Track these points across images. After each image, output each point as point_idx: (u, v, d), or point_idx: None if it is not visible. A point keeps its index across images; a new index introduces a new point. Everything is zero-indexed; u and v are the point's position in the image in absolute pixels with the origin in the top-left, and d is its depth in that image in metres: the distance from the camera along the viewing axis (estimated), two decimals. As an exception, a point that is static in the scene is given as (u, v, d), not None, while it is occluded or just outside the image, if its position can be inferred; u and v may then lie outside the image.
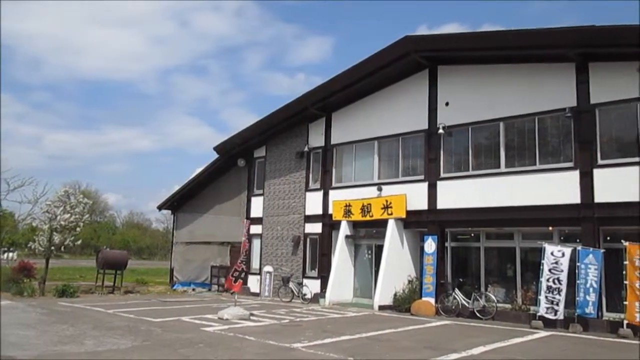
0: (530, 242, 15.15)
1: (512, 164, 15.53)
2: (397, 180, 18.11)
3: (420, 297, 16.46)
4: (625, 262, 12.49)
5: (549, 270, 13.56)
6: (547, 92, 14.84)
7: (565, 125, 14.55)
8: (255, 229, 22.51)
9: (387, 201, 17.80)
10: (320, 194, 20.36)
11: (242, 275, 16.83)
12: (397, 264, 17.31)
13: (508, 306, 15.04)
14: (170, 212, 28.18)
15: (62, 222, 19.99)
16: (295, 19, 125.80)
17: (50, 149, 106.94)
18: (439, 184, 16.84)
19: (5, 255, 35.61)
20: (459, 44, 16.69)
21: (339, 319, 14.55)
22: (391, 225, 17.46)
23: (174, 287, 24.44)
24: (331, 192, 20.00)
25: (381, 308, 16.63)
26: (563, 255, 13.51)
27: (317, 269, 20.05)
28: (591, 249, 13.25)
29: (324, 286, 18.91)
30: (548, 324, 13.40)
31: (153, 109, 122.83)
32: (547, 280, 13.52)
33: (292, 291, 19.42)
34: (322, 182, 20.46)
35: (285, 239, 21.26)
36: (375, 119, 19.05)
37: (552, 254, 13.65)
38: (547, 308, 13.39)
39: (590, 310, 12.88)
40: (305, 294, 19.02)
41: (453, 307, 15.62)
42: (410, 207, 17.29)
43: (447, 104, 17.09)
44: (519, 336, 11.91)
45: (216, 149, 23.27)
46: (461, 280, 16.26)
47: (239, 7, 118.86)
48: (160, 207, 27.76)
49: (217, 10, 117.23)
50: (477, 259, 16.44)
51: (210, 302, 18.30)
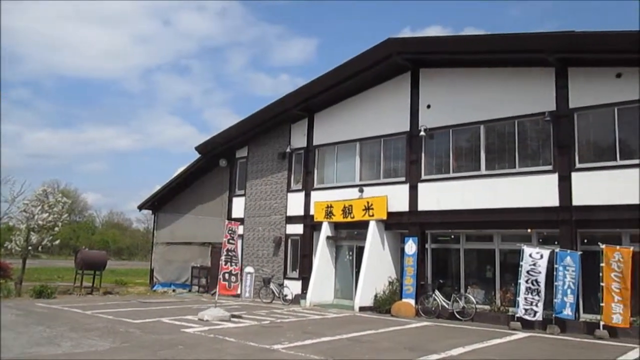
0: (510, 244, 15.30)
1: (492, 166, 15.68)
2: (378, 181, 18.17)
3: (401, 298, 16.55)
4: (602, 265, 12.67)
5: (528, 272, 13.71)
6: (527, 96, 15.00)
7: (545, 129, 14.73)
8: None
9: (368, 202, 17.86)
10: (302, 195, 20.35)
11: (238, 277, 16.34)
12: (377, 265, 17.37)
13: (487, 307, 15.18)
14: (151, 212, 27.96)
15: (40, 222, 19.74)
16: (279, 20, 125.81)
17: (30, 148, 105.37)
18: (420, 185, 16.94)
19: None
20: (441, 47, 16.80)
21: (319, 320, 14.56)
22: (372, 227, 17.52)
23: (154, 288, 24.24)
24: (313, 193, 20.01)
25: (362, 309, 16.68)
26: (541, 257, 13.67)
27: (298, 270, 20.04)
28: (569, 251, 13.42)
29: (305, 287, 18.89)
30: (526, 325, 13.54)
31: (135, 107, 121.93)
32: (526, 282, 13.67)
33: (273, 292, 19.35)
34: (303, 183, 20.45)
35: (267, 239, 21.20)
36: (357, 121, 19.10)
37: (530, 255, 13.80)
38: (526, 309, 13.54)
39: (568, 311, 13.06)
40: (286, 295, 18.97)
41: (433, 309, 15.73)
42: (391, 209, 17.37)
43: (428, 106, 17.20)
44: (498, 337, 12.03)
45: (198, 148, 23.15)
46: (441, 281, 16.36)
47: (223, 7, 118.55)
48: (140, 207, 27.54)
49: (201, 10, 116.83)
50: (457, 260, 16.58)
51: (191, 303, 18.19)
